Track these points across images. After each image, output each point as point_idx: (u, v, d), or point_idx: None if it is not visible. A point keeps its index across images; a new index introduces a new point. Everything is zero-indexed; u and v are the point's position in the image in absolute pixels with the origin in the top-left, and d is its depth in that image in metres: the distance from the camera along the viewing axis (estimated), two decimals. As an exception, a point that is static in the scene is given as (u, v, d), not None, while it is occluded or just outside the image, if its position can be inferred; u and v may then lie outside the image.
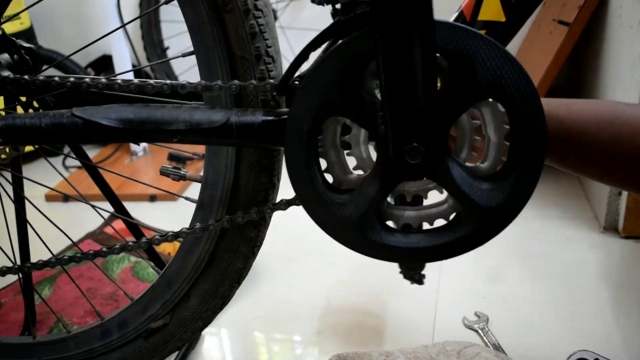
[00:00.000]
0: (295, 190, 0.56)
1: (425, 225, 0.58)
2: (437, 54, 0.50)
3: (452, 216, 0.56)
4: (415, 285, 0.63)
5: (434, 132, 0.51)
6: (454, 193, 0.53)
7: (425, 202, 0.58)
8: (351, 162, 0.58)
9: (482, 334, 0.92)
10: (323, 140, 0.56)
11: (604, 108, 0.58)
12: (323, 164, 0.57)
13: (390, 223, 0.58)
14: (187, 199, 0.70)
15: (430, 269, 1.10)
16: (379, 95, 0.52)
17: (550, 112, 0.58)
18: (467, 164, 0.54)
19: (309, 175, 0.55)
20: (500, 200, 0.52)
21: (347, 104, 0.53)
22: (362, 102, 0.52)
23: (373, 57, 0.51)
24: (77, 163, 1.71)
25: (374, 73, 0.52)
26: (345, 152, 0.58)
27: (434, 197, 0.57)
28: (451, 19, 0.61)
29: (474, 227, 0.54)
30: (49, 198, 1.58)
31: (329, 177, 0.57)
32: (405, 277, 0.63)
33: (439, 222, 0.57)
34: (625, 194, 1.14)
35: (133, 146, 1.79)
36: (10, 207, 0.83)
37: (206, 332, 0.98)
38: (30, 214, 0.84)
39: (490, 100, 0.52)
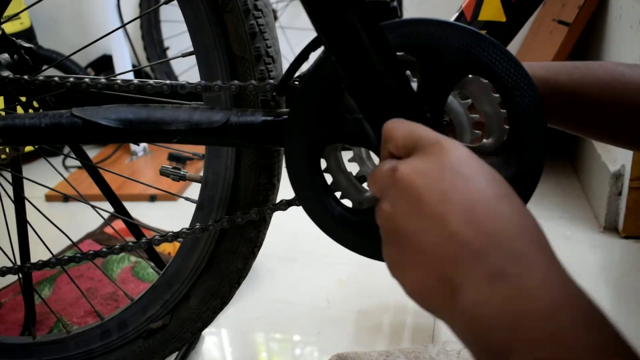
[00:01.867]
0: (295, 190, 0.56)
1: None
2: (400, 52, 0.50)
3: None
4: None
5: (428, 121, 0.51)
6: None
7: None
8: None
9: (482, 334, 0.91)
10: (329, 170, 0.56)
11: (604, 72, 0.58)
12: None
13: None
14: (187, 199, 0.70)
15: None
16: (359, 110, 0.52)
17: (549, 78, 0.58)
18: (473, 145, 0.54)
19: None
20: (515, 170, 0.51)
21: (334, 131, 0.53)
22: (347, 123, 0.52)
23: (334, 75, 0.50)
24: (77, 163, 1.71)
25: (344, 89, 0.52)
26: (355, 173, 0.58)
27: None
28: (451, 19, 0.61)
29: None
30: (49, 198, 1.58)
31: (348, 202, 0.57)
32: None
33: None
34: (625, 194, 1.14)
35: (133, 146, 1.79)
36: (10, 208, 0.83)
37: (206, 332, 0.98)
38: (30, 214, 0.84)
39: (470, 76, 0.51)
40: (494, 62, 0.49)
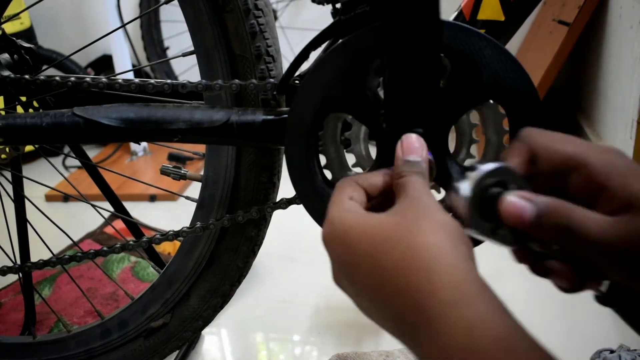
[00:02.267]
0: (295, 186, 0.56)
1: None
2: (441, 54, 0.50)
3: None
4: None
5: (435, 132, 0.51)
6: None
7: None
8: (350, 159, 0.58)
9: (482, 334, 0.92)
10: (324, 136, 0.56)
11: None
12: (323, 160, 0.57)
13: None
14: (187, 198, 0.70)
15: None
16: (381, 93, 0.52)
17: None
18: (466, 164, 0.54)
19: (309, 172, 0.55)
20: None
21: (349, 100, 0.53)
22: (364, 98, 0.52)
23: (377, 54, 0.51)
24: (77, 163, 1.71)
25: (378, 70, 0.52)
26: (345, 149, 0.58)
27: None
28: (450, 18, 0.61)
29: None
30: (49, 198, 1.58)
31: (328, 174, 0.57)
32: None
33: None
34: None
35: (133, 146, 1.79)
36: (10, 207, 0.83)
37: (206, 331, 0.98)
38: (31, 214, 0.84)
39: (492, 102, 0.52)
40: (521, 102, 0.49)
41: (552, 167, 0.38)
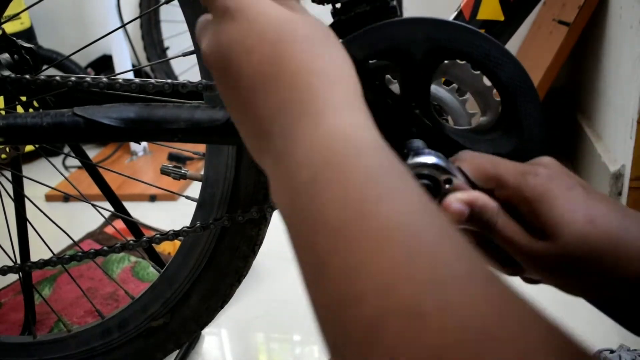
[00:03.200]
0: None
1: None
2: (372, 60, 0.50)
3: None
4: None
5: (419, 122, 0.51)
6: None
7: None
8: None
9: (482, 334, 0.92)
10: None
11: None
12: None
13: None
14: (187, 197, 0.70)
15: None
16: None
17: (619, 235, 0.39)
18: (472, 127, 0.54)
19: None
20: (518, 140, 0.50)
21: None
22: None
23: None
24: (77, 163, 1.71)
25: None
26: None
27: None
28: (450, 18, 0.62)
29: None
30: (49, 198, 1.58)
31: None
32: None
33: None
34: (625, 194, 1.14)
35: (133, 146, 1.79)
36: (10, 207, 0.83)
37: (206, 331, 0.98)
38: (31, 213, 0.84)
39: (446, 62, 0.51)
40: (461, 43, 0.49)
41: (483, 185, 0.42)
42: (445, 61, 0.51)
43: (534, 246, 0.40)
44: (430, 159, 0.45)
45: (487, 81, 0.51)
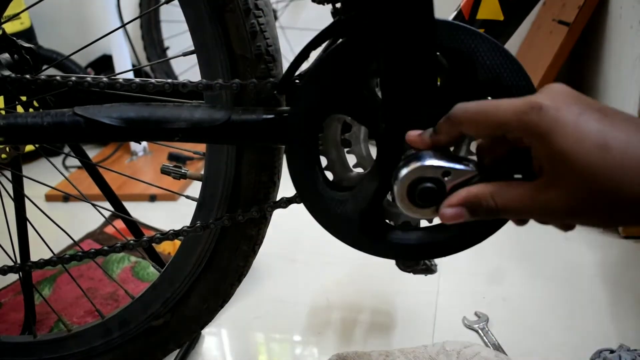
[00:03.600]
0: (296, 187, 0.56)
1: (424, 223, 0.58)
2: (437, 53, 0.50)
3: None
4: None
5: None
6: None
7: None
8: (351, 159, 0.58)
9: (482, 334, 0.92)
10: (324, 138, 0.56)
11: None
12: (324, 161, 0.57)
13: (389, 221, 0.58)
14: (188, 197, 0.70)
15: (430, 269, 1.10)
16: (379, 94, 0.52)
17: None
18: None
19: (310, 173, 0.55)
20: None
21: (348, 102, 0.53)
22: (363, 100, 0.53)
23: (375, 56, 0.51)
24: (77, 163, 1.71)
25: (375, 71, 0.52)
26: (346, 150, 0.58)
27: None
28: (450, 18, 0.62)
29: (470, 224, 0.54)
30: (49, 198, 1.58)
31: (330, 175, 0.58)
32: (405, 271, 0.63)
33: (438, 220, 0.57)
34: (625, 193, 1.14)
35: (133, 146, 1.79)
36: (10, 207, 0.83)
37: (206, 331, 0.98)
38: (31, 213, 0.84)
39: (489, 98, 0.52)
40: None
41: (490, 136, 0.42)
42: (489, 97, 0.51)
43: (542, 199, 0.37)
44: (415, 164, 0.46)
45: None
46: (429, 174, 0.45)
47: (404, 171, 0.46)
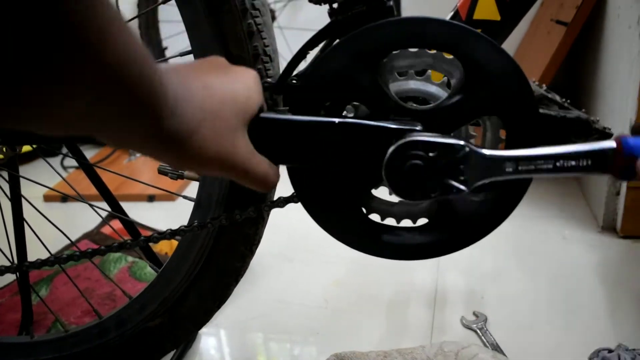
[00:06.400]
0: (295, 187, 0.56)
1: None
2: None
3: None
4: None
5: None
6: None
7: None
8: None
9: (480, 334, 0.92)
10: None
11: None
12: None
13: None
14: (185, 197, 0.70)
15: (429, 269, 1.10)
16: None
17: None
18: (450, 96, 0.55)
19: (310, 172, 0.55)
20: (491, 88, 0.52)
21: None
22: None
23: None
24: (75, 164, 1.71)
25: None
26: None
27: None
28: (447, 18, 0.62)
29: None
30: (47, 199, 1.57)
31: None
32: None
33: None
34: (623, 193, 1.14)
35: (131, 146, 1.79)
36: (8, 208, 0.82)
37: (203, 331, 0.98)
38: (28, 214, 0.84)
39: (384, 60, 0.52)
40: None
41: None
42: (384, 59, 0.51)
43: None
44: (400, 142, 0.47)
45: (430, 51, 0.52)
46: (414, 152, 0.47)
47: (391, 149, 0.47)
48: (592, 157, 0.44)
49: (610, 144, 0.44)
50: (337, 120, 0.49)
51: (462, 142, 0.47)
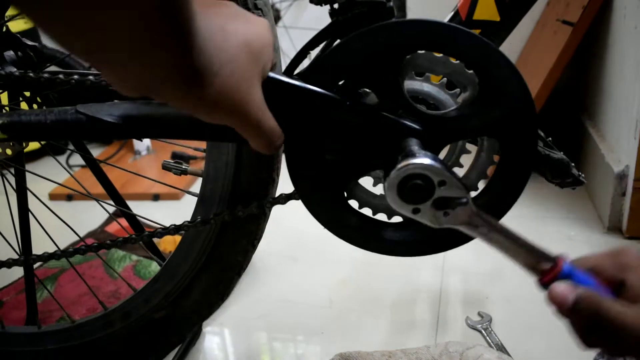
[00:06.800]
0: (295, 185, 0.56)
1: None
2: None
3: None
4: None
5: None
6: None
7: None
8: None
9: (485, 334, 0.91)
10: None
11: None
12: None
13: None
14: (189, 192, 0.71)
15: (433, 269, 1.10)
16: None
17: None
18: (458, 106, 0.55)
19: (309, 171, 0.55)
20: (502, 107, 0.52)
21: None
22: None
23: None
24: (81, 162, 1.71)
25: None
26: None
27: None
28: (446, 19, 0.62)
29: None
30: (52, 197, 1.58)
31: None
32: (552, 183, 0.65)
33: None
34: (629, 194, 1.14)
35: (136, 145, 1.80)
36: (14, 207, 0.83)
37: (207, 330, 0.98)
38: (34, 211, 0.85)
39: (408, 56, 0.51)
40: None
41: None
42: (408, 56, 0.52)
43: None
44: (424, 160, 0.46)
45: (454, 60, 0.52)
46: (430, 175, 0.46)
47: (412, 161, 0.46)
48: (535, 259, 0.51)
49: (552, 261, 0.48)
50: (348, 101, 0.49)
51: (467, 197, 0.47)
